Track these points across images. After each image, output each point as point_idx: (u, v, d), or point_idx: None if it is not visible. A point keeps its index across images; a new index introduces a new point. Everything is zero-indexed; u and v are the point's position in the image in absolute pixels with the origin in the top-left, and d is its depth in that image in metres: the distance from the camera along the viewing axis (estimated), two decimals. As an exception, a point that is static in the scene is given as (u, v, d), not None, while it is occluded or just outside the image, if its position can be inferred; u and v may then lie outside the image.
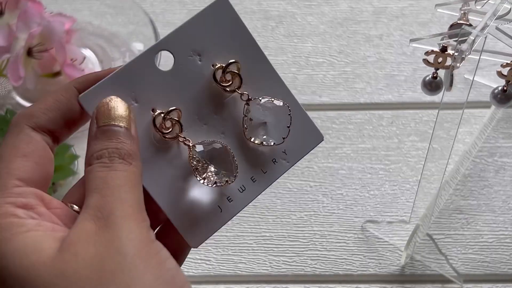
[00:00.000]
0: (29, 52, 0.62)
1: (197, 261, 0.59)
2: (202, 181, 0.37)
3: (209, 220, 0.39)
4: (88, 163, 0.32)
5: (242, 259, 0.59)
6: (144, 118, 0.37)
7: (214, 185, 0.37)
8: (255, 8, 0.76)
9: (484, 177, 0.63)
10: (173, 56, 0.39)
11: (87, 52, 0.71)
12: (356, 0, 0.76)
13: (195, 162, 0.37)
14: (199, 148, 0.38)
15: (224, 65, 0.39)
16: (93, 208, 0.30)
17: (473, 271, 0.58)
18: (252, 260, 0.59)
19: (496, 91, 0.46)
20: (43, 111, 0.33)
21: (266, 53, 0.76)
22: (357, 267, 0.58)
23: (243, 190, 0.40)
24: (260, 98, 0.40)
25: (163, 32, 0.73)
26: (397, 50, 0.72)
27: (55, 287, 0.28)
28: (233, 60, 0.39)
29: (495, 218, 0.61)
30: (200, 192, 0.39)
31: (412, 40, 0.45)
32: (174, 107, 0.37)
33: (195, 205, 0.38)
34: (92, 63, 0.70)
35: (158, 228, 0.37)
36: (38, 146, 0.33)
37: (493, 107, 0.65)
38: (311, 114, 0.67)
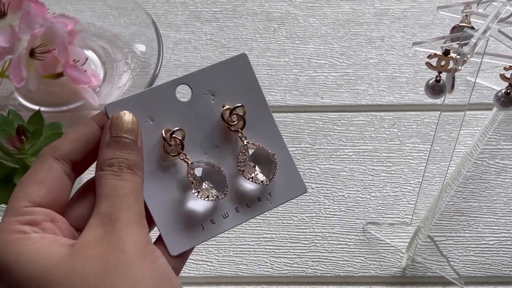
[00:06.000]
0: (32, 53, 0.62)
1: (199, 262, 0.59)
2: (196, 194, 0.42)
3: (191, 234, 0.44)
4: (99, 168, 0.37)
5: (244, 260, 0.59)
6: (154, 135, 0.43)
7: (207, 198, 0.43)
8: (257, 10, 0.76)
9: (486, 179, 0.63)
10: (191, 91, 0.45)
11: (89, 53, 0.71)
12: (358, 2, 0.76)
13: (191, 178, 0.43)
14: (197, 165, 0.43)
15: (232, 107, 0.45)
16: (103, 215, 0.35)
17: (474, 273, 0.58)
18: (253, 261, 0.59)
19: (500, 94, 0.46)
20: (65, 143, 0.38)
21: (268, 54, 0.77)
22: (358, 268, 0.58)
23: (226, 217, 0.45)
24: (257, 144, 0.46)
25: (166, 34, 0.73)
26: (399, 52, 0.72)
27: (67, 281, 0.34)
28: (240, 104, 0.45)
29: (497, 220, 0.61)
30: (189, 208, 0.44)
31: (414, 44, 0.46)
32: (178, 128, 0.43)
33: (182, 219, 0.43)
34: (94, 64, 0.71)
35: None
36: (55, 174, 0.38)
37: (494, 109, 0.66)
38: (312, 116, 0.68)
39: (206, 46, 0.73)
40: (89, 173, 0.40)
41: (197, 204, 0.45)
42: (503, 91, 0.46)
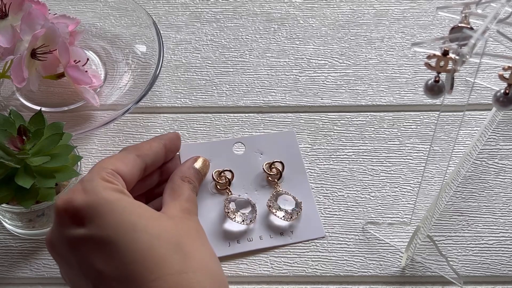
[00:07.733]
0: (33, 54, 0.62)
1: (199, 261, 0.59)
2: (227, 214, 0.58)
3: (218, 246, 0.57)
4: (180, 177, 0.56)
5: (244, 259, 0.59)
6: (211, 172, 0.60)
7: (233, 220, 0.57)
8: (258, 11, 0.76)
9: (485, 179, 0.64)
10: (245, 148, 0.62)
11: (90, 54, 0.71)
12: (358, 3, 0.76)
13: (227, 203, 0.58)
14: (234, 196, 0.59)
15: (272, 161, 0.61)
16: (185, 208, 0.52)
17: (473, 273, 0.58)
18: (253, 261, 0.59)
19: (499, 94, 0.46)
20: (144, 147, 0.55)
21: (268, 55, 0.77)
22: (358, 268, 0.59)
23: (250, 241, 0.58)
24: (288, 192, 0.60)
25: (166, 34, 0.74)
26: (398, 52, 0.72)
27: (159, 225, 0.48)
28: (278, 160, 0.61)
29: (496, 220, 0.61)
30: (224, 227, 0.58)
31: (414, 44, 0.46)
32: (228, 169, 0.60)
33: (216, 233, 0.58)
34: (95, 65, 0.71)
35: None
36: (136, 164, 0.53)
37: (494, 109, 0.66)
38: (312, 116, 0.68)
39: (207, 46, 0.73)
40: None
41: (231, 226, 0.58)
42: (502, 91, 0.46)
